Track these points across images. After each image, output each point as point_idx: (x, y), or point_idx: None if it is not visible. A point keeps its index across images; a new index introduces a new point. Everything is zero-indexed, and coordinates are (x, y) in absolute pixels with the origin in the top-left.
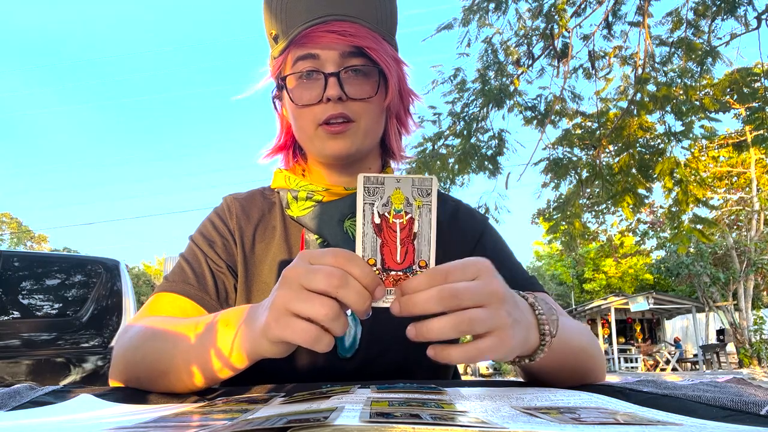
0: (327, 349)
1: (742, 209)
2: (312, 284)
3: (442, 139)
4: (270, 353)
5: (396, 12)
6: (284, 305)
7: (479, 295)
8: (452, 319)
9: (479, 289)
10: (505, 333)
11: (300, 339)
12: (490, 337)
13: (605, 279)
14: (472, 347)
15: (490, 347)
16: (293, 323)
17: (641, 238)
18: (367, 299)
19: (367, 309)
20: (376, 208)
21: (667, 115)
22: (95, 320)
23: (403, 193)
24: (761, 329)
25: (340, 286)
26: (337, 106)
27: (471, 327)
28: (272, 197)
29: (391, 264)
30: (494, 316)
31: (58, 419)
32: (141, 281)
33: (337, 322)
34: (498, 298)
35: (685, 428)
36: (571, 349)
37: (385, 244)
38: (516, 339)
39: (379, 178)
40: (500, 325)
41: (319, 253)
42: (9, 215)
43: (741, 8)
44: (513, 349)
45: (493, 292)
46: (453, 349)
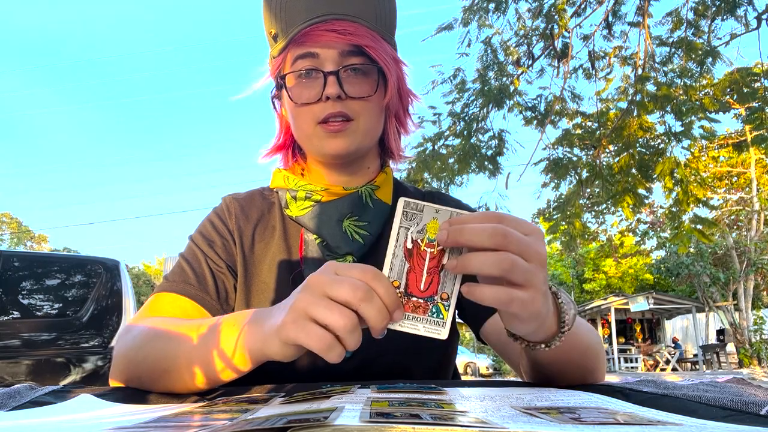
0: (337, 360)
1: (742, 209)
2: (336, 293)
3: (442, 139)
4: (277, 355)
5: (395, 11)
6: (304, 309)
7: (527, 248)
8: (497, 254)
9: (529, 243)
10: (537, 293)
11: (314, 344)
12: (523, 290)
13: (605, 279)
14: (505, 290)
15: (521, 298)
16: (310, 327)
17: (641, 238)
18: (386, 318)
19: (384, 329)
20: (410, 233)
21: (667, 115)
22: (95, 320)
23: (439, 223)
24: (761, 329)
25: (363, 300)
26: (336, 104)
27: (512, 268)
28: (271, 197)
29: (414, 290)
30: (535, 272)
31: (58, 419)
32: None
33: (352, 335)
34: (541, 260)
35: (685, 428)
36: (580, 345)
37: (411, 270)
38: (543, 308)
39: (419, 205)
40: (536, 283)
41: (347, 266)
42: (9, 215)
43: (741, 8)
44: (537, 316)
45: (539, 252)
46: (486, 288)
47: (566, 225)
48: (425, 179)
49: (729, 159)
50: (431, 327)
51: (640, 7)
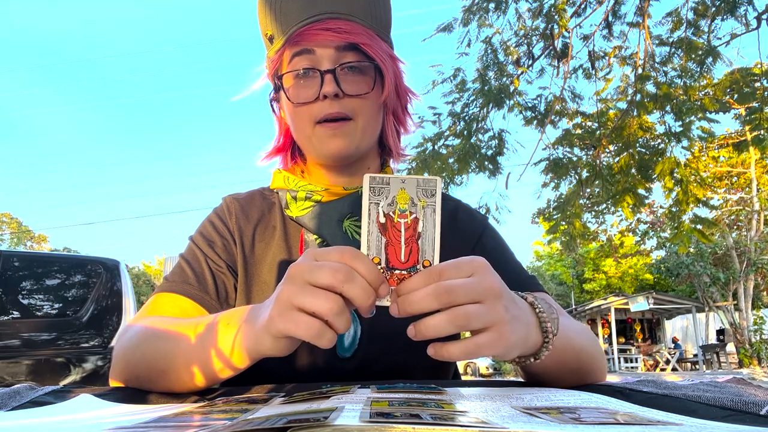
0: (329, 345)
1: (742, 209)
2: (317, 279)
3: (442, 139)
4: (271, 350)
5: (390, 9)
6: (289, 299)
7: (474, 292)
8: (448, 314)
9: (474, 285)
10: (503, 328)
11: (303, 333)
12: (488, 332)
13: (605, 279)
14: (471, 342)
15: (488, 342)
16: (297, 317)
17: (641, 238)
18: (371, 296)
19: (371, 306)
20: (381, 208)
21: (667, 115)
22: (95, 320)
23: (407, 193)
24: (761, 329)
25: (345, 281)
26: (333, 103)
27: (467, 321)
28: (272, 197)
29: (396, 263)
30: (491, 311)
31: (58, 419)
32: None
33: (340, 317)
34: (494, 294)
35: (685, 428)
36: (572, 349)
37: (389, 243)
38: (515, 335)
39: (385, 178)
40: (498, 320)
41: (325, 251)
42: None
43: (741, 8)
44: (513, 346)
45: (488, 288)
46: (452, 345)
47: (566, 225)
48: None
49: (729, 159)
50: None
51: (640, 7)
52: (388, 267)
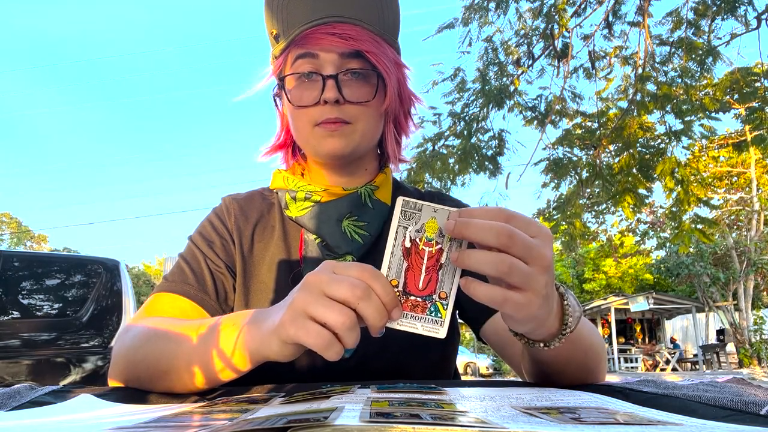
0: (335, 358)
1: (742, 209)
2: (334, 292)
3: (442, 139)
4: (277, 354)
5: (398, 13)
6: (303, 307)
7: (531, 251)
8: (497, 255)
9: (533, 245)
10: (535, 297)
11: (312, 342)
12: (520, 292)
13: (605, 279)
14: (500, 291)
15: (516, 300)
16: (308, 325)
17: (641, 238)
18: (384, 317)
19: (382, 327)
20: (408, 233)
21: (667, 115)
22: (95, 320)
23: (437, 222)
24: (761, 329)
25: (361, 299)
26: (333, 109)
27: (509, 271)
28: (271, 198)
29: (413, 289)
30: (534, 276)
31: (58, 419)
32: (141, 281)
33: (351, 332)
34: (544, 264)
35: (685, 428)
36: (583, 346)
37: (410, 268)
38: (540, 310)
39: (418, 204)
40: (535, 286)
41: (345, 265)
42: (9, 215)
43: (741, 8)
44: (533, 318)
45: (543, 256)
46: (481, 285)
47: (566, 225)
48: (426, 179)
49: (729, 159)
50: (430, 326)
51: (640, 7)
52: (405, 292)
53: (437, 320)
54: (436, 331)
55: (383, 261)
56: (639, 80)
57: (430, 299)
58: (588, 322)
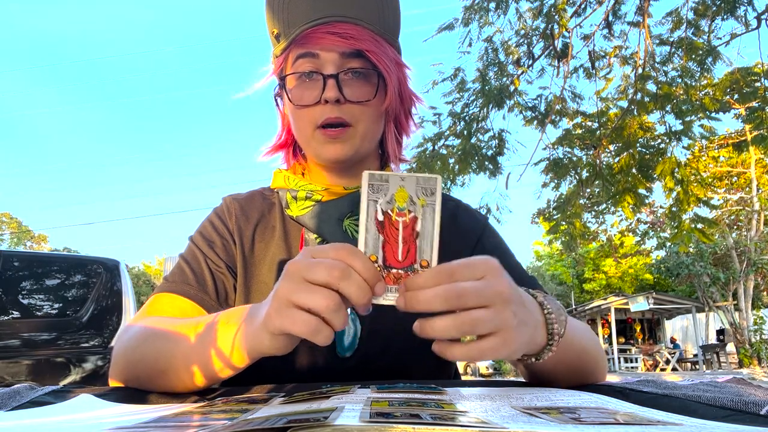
0: (326, 342)
1: (742, 209)
2: (314, 276)
3: (442, 139)
4: (270, 348)
5: (399, 13)
6: (286, 296)
7: (484, 296)
8: (456, 319)
9: (484, 289)
10: (509, 334)
11: (300, 329)
12: (493, 338)
13: (605, 279)
14: (475, 347)
15: (492, 347)
16: (294, 314)
17: (641, 238)
18: (367, 293)
19: (368, 303)
20: (379, 206)
21: (667, 115)
22: (95, 320)
23: (407, 191)
24: (761, 329)
25: (341, 278)
26: (334, 108)
27: (474, 328)
28: (272, 197)
29: (393, 262)
30: (498, 316)
31: (58, 419)
32: (141, 281)
33: (337, 314)
34: (503, 298)
35: (685, 428)
36: (575, 350)
37: (387, 241)
38: (520, 339)
39: (384, 175)
40: (504, 326)
41: (321, 248)
42: (9, 215)
43: (741, 8)
44: (517, 350)
45: (498, 293)
46: (456, 347)
47: (566, 225)
48: None
49: (729, 159)
50: None
51: (640, 7)
52: (385, 266)
53: None
54: None
55: (359, 237)
56: (639, 80)
57: (411, 269)
58: (579, 325)
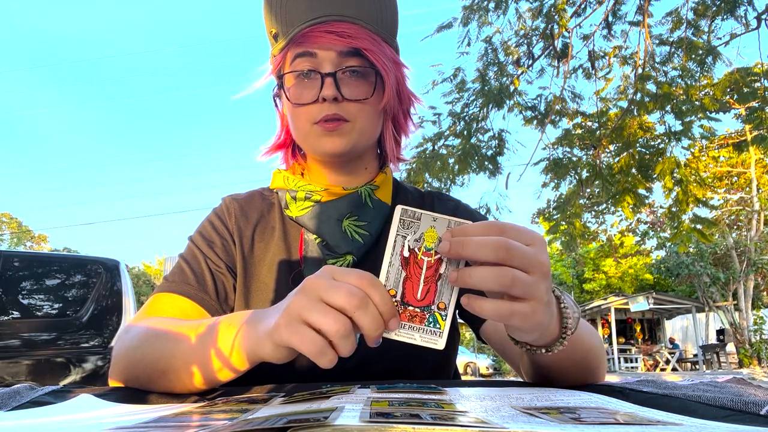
0: (329, 365)
1: (742, 209)
2: (331, 299)
3: (442, 139)
4: (270, 356)
5: (396, 13)
6: (298, 312)
7: (529, 260)
8: (497, 270)
9: (531, 254)
10: (538, 306)
11: (305, 348)
12: (525, 303)
13: (605, 279)
14: (506, 305)
15: (522, 312)
16: (303, 331)
17: (641, 238)
18: (380, 326)
19: (378, 337)
20: (407, 242)
21: (667, 115)
22: (95, 320)
23: (437, 232)
24: (761, 329)
25: (358, 307)
26: (332, 106)
27: (512, 284)
28: (271, 198)
29: (411, 299)
30: (535, 284)
31: (58, 419)
32: (141, 281)
33: (346, 340)
34: (544, 271)
35: (685, 428)
36: (583, 347)
37: (408, 278)
38: (544, 317)
39: (416, 213)
40: (537, 295)
41: (344, 271)
42: (9, 215)
43: (741, 8)
44: (538, 326)
45: (541, 263)
46: (486, 302)
47: (566, 225)
48: (425, 180)
49: (729, 159)
50: (428, 336)
51: (640, 7)
52: (403, 302)
53: (436, 331)
54: (435, 342)
55: (381, 270)
56: (639, 80)
57: (428, 310)
58: (586, 324)
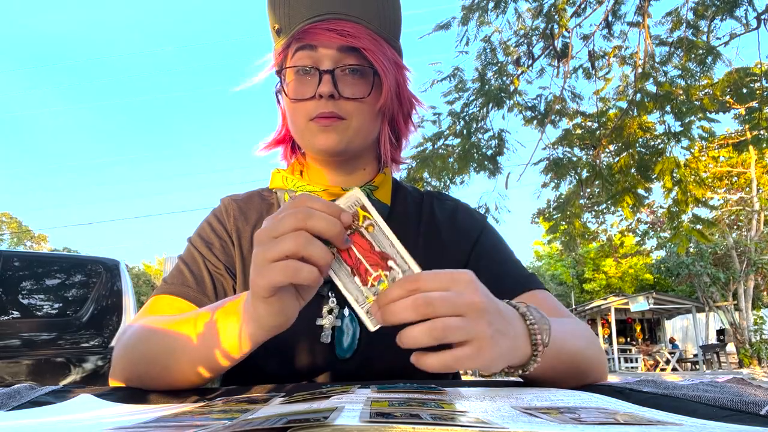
0: (311, 277)
1: (742, 209)
2: (279, 229)
3: (441, 138)
4: (268, 316)
5: (399, 15)
6: (261, 257)
7: (455, 305)
8: (427, 325)
9: (454, 298)
10: (484, 342)
11: (281, 277)
12: (468, 346)
13: (605, 279)
14: (449, 355)
15: (467, 355)
16: (271, 266)
17: (641, 238)
18: (335, 223)
19: (340, 234)
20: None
21: (667, 116)
22: (95, 320)
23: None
24: (761, 329)
25: (305, 219)
26: (328, 103)
27: (445, 334)
28: (270, 198)
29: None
30: (471, 325)
31: (58, 419)
32: (141, 281)
33: (311, 246)
34: (475, 308)
35: (685, 428)
36: (567, 355)
37: (354, 269)
38: (498, 349)
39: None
40: (478, 334)
41: (280, 209)
42: (9, 215)
43: (741, 8)
44: (495, 360)
45: (470, 303)
46: (430, 356)
47: (566, 225)
48: (425, 179)
49: (729, 159)
50: None
51: (640, 7)
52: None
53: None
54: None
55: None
56: (639, 80)
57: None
58: (572, 327)
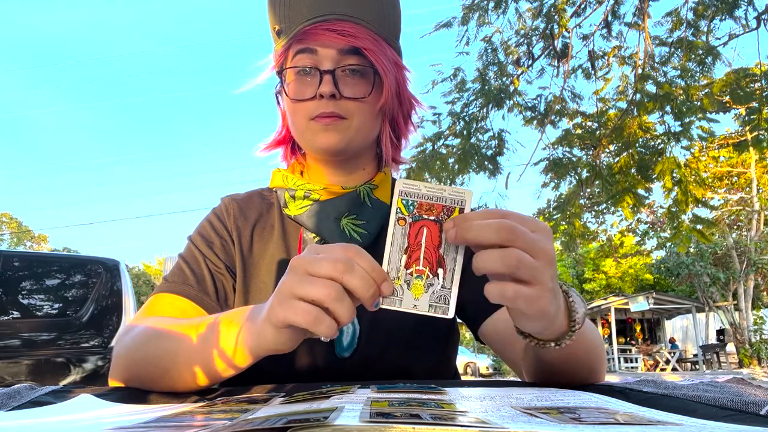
0: (329, 333)
1: (742, 209)
2: (317, 270)
3: (441, 139)
4: (274, 343)
5: (399, 15)
6: (289, 289)
7: (534, 245)
8: (503, 251)
9: (536, 240)
10: (544, 291)
11: (301, 319)
12: (530, 286)
13: (605, 279)
14: (511, 286)
15: (528, 295)
16: (295, 305)
17: (641, 238)
18: (372, 286)
19: (374, 297)
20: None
21: (667, 116)
22: (95, 320)
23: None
24: (761, 329)
25: (345, 271)
26: (329, 103)
27: (518, 264)
28: (270, 198)
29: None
30: (541, 269)
31: (58, 419)
32: (141, 281)
33: (340, 304)
34: (548, 258)
35: (685, 428)
36: (587, 344)
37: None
38: (550, 306)
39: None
40: (542, 280)
41: (328, 246)
42: (9, 215)
43: (741, 8)
44: (545, 314)
45: (546, 250)
46: (491, 284)
47: (566, 225)
48: (425, 179)
49: (729, 159)
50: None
51: (640, 7)
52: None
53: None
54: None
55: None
56: (638, 80)
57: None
58: (589, 322)
